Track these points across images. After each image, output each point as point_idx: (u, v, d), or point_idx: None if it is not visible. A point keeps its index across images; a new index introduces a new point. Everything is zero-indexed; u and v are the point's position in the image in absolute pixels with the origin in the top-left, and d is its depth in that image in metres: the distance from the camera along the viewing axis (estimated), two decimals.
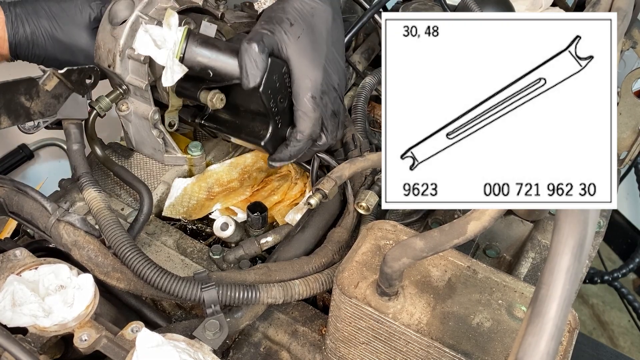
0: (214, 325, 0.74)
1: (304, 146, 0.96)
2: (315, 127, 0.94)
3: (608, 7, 0.84)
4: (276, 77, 0.93)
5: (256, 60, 0.88)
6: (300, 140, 0.95)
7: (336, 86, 0.96)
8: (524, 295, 0.74)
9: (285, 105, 0.97)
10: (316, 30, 0.93)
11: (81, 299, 0.70)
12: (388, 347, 0.72)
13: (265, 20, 0.92)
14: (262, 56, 0.88)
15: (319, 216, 0.99)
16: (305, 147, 0.97)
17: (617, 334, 2.45)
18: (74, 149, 0.96)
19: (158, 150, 1.10)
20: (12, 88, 0.84)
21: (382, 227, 0.79)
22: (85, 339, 0.67)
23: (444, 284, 0.75)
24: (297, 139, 0.95)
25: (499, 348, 0.68)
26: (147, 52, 0.91)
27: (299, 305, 0.91)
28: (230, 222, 1.00)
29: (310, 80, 0.92)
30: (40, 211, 0.84)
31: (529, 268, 0.99)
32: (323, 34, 0.94)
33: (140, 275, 0.80)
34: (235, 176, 1.14)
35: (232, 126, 1.03)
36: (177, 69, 0.91)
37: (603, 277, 2.22)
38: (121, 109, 1.05)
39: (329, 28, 0.95)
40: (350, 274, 0.74)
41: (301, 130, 0.94)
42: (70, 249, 0.83)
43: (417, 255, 0.64)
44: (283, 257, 0.93)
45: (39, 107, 0.88)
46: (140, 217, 0.96)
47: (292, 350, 0.87)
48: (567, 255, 0.43)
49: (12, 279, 0.70)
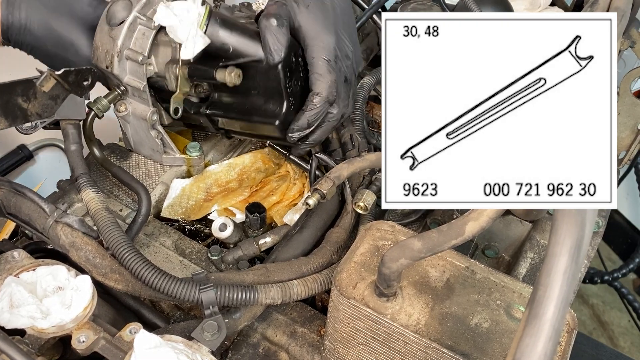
0: (212, 326, 0.74)
1: (321, 110, 0.96)
2: (332, 89, 0.95)
3: (606, 6, 0.84)
4: (293, 56, 0.95)
5: (277, 35, 0.92)
6: (317, 103, 0.95)
7: (349, 54, 0.97)
8: (523, 295, 0.74)
9: (298, 89, 0.98)
10: (325, 0, 0.96)
11: (79, 300, 0.69)
12: (386, 348, 0.72)
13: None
14: (282, 30, 0.91)
15: (317, 216, 0.99)
16: (322, 112, 0.96)
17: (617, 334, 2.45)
18: (71, 150, 0.96)
19: (156, 151, 1.10)
20: (9, 89, 0.83)
21: (380, 227, 0.79)
22: (83, 341, 0.67)
23: (442, 285, 0.74)
24: (313, 102, 0.95)
25: (498, 349, 0.68)
26: (168, 23, 0.91)
27: (298, 306, 0.91)
28: (229, 222, 1.00)
29: (324, 43, 0.94)
30: (38, 212, 0.84)
31: (528, 268, 0.99)
32: (331, 4, 0.97)
33: (138, 277, 0.80)
34: (233, 177, 1.14)
35: (242, 110, 1.03)
36: (199, 40, 0.91)
37: (603, 277, 2.22)
38: (119, 109, 1.05)
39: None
40: (348, 275, 0.74)
41: (318, 92, 0.95)
42: (68, 250, 0.83)
43: (415, 256, 0.63)
44: (281, 258, 0.93)
45: (36, 109, 0.88)
46: (138, 218, 0.96)
47: (291, 351, 0.86)
48: (564, 257, 0.43)
49: (9, 280, 0.70)
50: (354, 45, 1.00)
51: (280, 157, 1.18)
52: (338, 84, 0.96)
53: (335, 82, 0.95)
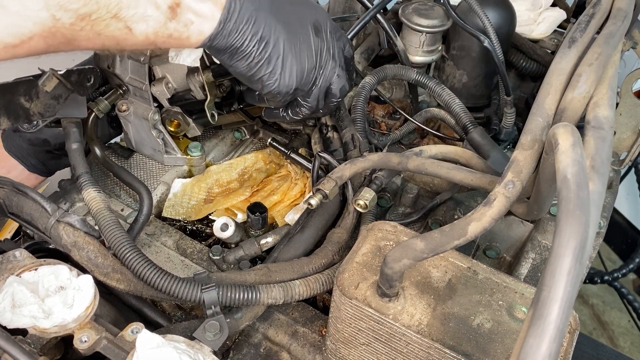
0: (214, 326, 0.74)
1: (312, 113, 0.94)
2: (314, 101, 0.91)
3: (608, 7, 0.84)
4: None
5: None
6: (303, 113, 0.94)
7: (311, 42, 0.87)
8: (525, 296, 0.74)
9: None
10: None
11: (81, 300, 0.69)
12: (388, 348, 0.72)
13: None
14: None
15: (318, 216, 0.99)
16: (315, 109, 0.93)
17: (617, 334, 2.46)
18: (73, 149, 0.96)
19: (158, 151, 1.10)
20: (11, 89, 0.83)
21: (382, 227, 0.79)
22: (85, 340, 0.67)
23: (444, 285, 0.74)
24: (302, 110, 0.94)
25: (500, 349, 0.68)
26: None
27: (299, 306, 0.91)
28: (230, 222, 1.00)
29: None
30: (40, 212, 0.84)
31: (529, 269, 0.99)
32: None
33: (140, 276, 0.80)
34: (235, 177, 1.14)
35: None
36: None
37: (603, 277, 2.22)
38: (121, 109, 1.05)
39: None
40: (350, 275, 0.74)
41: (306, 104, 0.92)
42: (70, 249, 0.83)
43: (417, 257, 0.64)
44: (282, 258, 0.93)
45: (38, 108, 0.88)
46: (140, 218, 0.96)
47: (292, 351, 0.86)
48: (568, 257, 0.43)
49: (11, 280, 0.70)
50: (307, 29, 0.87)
51: (281, 157, 1.18)
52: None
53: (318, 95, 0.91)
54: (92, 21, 0.66)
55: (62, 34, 0.66)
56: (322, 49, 0.88)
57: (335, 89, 0.92)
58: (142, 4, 0.68)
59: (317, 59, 0.87)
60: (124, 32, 0.69)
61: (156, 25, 0.70)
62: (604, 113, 0.67)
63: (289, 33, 0.82)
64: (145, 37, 0.71)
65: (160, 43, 0.73)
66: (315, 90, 0.90)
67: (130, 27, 0.69)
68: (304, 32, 0.85)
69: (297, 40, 0.84)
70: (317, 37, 0.87)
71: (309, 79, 0.87)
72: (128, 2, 0.67)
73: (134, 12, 0.68)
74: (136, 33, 0.70)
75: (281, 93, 0.86)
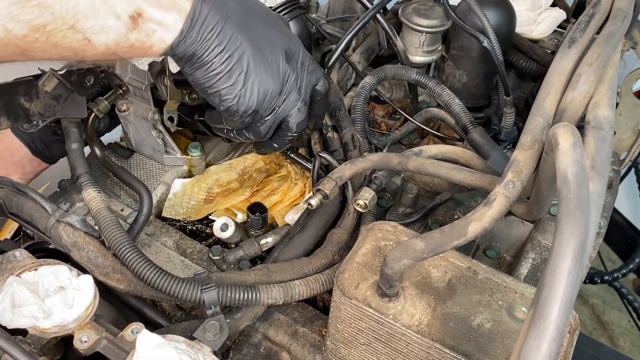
0: (214, 326, 0.74)
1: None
2: (302, 124, 0.89)
3: (608, 7, 0.84)
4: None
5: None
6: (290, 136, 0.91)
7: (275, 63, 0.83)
8: (525, 296, 0.74)
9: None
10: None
11: (81, 300, 0.69)
12: (388, 348, 0.72)
13: None
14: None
15: (318, 216, 0.99)
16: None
17: (617, 334, 2.46)
18: (72, 148, 0.96)
19: (158, 151, 1.10)
20: (11, 89, 0.83)
21: (382, 228, 0.79)
22: (85, 340, 0.67)
23: (444, 285, 0.74)
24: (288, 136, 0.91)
25: (500, 349, 0.68)
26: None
27: (299, 306, 0.91)
28: (230, 222, 1.00)
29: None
30: (40, 212, 0.84)
31: (529, 269, 0.99)
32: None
33: (140, 277, 0.80)
34: (234, 177, 1.14)
35: None
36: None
37: (603, 277, 2.22)
38: (121, 109, 1.05)
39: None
40: (350, 275, 0.74)
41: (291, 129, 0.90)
42: (70, 250, 0.83)
43: (417, 257, 0.64)
44: (282, 258, 0.93)
45: (38, 108, 0.88)
46: (139, 218, 0.96)
47: (292, 351, 0.86)
48: (569, 258, 0.43)
49: (11, 280, 0.70)
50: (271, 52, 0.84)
51: (281, 157, 1.18)
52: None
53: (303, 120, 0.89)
54: (48, 32, 0.64)
55: (15, 44, 0.64)
56: (289, 77, 0.84)
57: (292, 123, 0.87)
58: (101, 15, 0.66)
59: (282, 85, 0.83)
60: (83, 43, 0.67)
61: (117, 36, 0.68)
62: (604, 113, 0.67)
63: (255, 51, 0.79)
64: (106, 47, 0.69)
65: (122, 53, 0.71)
66: (270, 117, 0.86)
67: (89, 39, 0.67)
68: (273, 55, 0.81)
69: (265, 60, 0.80)
70: (288, 64, 0.83)
71: (270, 104, 0.84)
72: (86, 13, 0.65)
73: (92, 24, 0.65)
74: (96, 44, 0.68)
75: (239, 112, 0.82)
